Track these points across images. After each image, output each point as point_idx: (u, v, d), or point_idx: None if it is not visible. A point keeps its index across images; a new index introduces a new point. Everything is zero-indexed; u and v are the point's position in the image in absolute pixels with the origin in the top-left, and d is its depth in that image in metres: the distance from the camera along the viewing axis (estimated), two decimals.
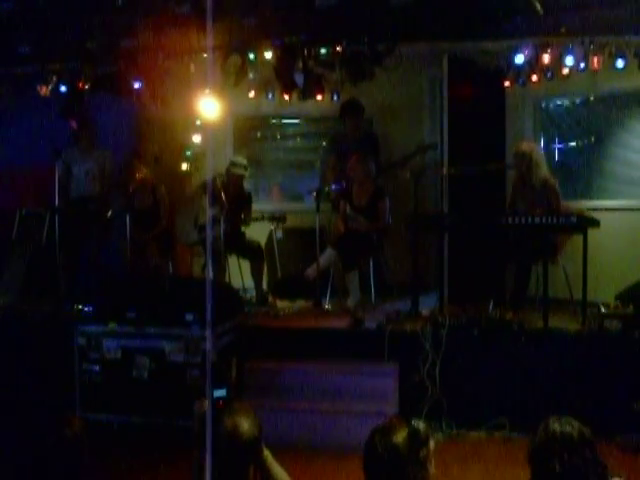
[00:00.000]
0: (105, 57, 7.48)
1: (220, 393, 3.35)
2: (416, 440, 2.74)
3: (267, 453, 3.13)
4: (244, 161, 7.80)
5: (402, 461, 2.67)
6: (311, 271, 7.20)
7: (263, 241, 8.02)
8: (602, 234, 6.37)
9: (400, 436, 2.70)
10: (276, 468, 3.16)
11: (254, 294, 7.62)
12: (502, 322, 6.11)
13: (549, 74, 7.18)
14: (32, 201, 7.51)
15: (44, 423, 3.10)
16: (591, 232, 6.08)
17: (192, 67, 7.47)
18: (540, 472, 2.63)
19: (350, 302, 7.16)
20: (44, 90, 7.68)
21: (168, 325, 5.84)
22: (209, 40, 7.04)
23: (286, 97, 7.89)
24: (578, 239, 6.15)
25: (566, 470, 2.53)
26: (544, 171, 6.83)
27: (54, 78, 7.67)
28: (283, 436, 5.22)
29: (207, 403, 3.19)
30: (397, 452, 2.67)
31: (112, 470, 4.96)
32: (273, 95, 8.34)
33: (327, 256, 7.30)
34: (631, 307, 5.94)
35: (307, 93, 7.53)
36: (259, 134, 9.45)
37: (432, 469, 2.77)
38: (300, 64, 7.24)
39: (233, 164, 7.69)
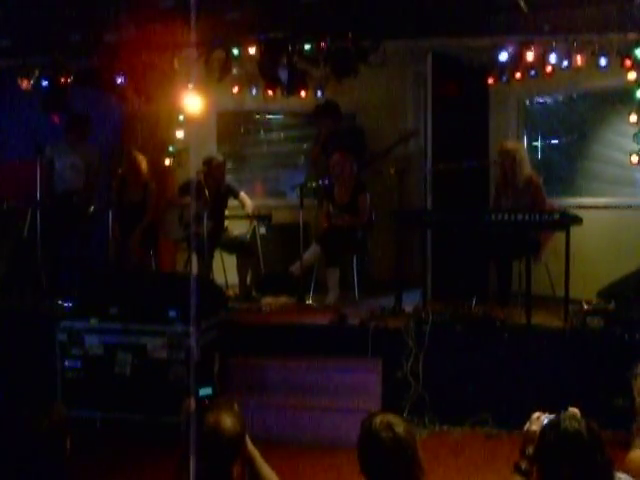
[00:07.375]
0: (88, 51, 7.41)
1: (206, 392, 3.32)
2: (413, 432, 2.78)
3: (253, 450, 3.11)
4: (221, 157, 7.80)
5: (408, 453, 2.68)
6: (296, 268, 7.18)
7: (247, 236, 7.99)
8: (585, 231, 6.39)
9: (401, 429, 2.70)
10: (262, 465, 3.14)
11: (237, 290, 7.60)
12: (485, 318, 6.14)
13: (533, 72, 7.25)
14: (13, 195, 7.43)
15: (26, 419, 3.07)
16: (574, 229, 6.10)
17: (176, 62, 7.43)
18: (549, 474, 2.58)
19: (329, 299, 7.14)
20: (25, 84, 7.59)
21: (151, 321, 5.78)
22: (193, 35, 7.01)
23: (270, 93, 7.87)
24: (561, 236, 6.18)
25: (577, 471, 2.49)
26: (528, 169, 6.88)
27: (36, 72, 7.60)
28: (266, 432, 5.21)
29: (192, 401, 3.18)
30: (404, 445, 2.68)
31: (94, 467, 4.92)
32: (257, 91, 8.35)
33: (312, 252, 7.29)
34: (613, 304, 5.97)
35: (291, 89, 7.50)
36: (242, 130, 9.43)
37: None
38: (284, 60, 7.22)
39: (214, 160, 7.64)
